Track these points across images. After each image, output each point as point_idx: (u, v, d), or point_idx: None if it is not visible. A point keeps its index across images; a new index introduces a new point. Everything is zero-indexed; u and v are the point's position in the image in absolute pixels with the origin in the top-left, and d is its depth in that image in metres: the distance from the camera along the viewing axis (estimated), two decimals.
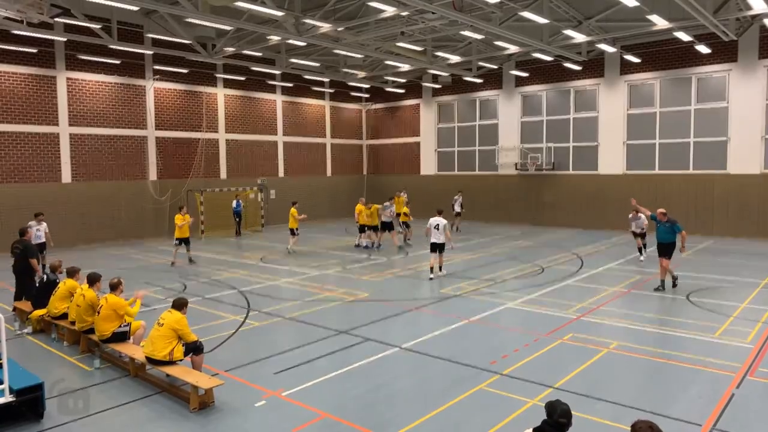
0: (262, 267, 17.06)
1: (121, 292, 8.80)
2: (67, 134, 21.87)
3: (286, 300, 12.69)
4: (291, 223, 19.54)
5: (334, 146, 33.58)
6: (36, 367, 7.69)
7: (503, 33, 19.27)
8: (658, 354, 8.78)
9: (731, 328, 10.12)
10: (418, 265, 17.05)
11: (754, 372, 7.97)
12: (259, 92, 28.94)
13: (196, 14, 16.76)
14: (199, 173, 26.12)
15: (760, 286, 13.46)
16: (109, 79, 22.97)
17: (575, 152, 26.72)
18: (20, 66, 20.59)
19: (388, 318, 11.09)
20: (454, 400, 7.10)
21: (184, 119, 25.80)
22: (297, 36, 19.37)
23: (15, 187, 20.57)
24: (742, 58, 21.94)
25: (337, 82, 32.01)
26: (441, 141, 31.98)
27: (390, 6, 16.94)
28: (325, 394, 7.40)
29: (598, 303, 12.04)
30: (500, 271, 15.84)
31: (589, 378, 7.86)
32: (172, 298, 8.38)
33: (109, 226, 23.07)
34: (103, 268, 14.11)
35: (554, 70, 26.86)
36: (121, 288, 8.83)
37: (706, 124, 23.01)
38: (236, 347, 9.46)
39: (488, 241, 22.31)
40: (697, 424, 6.38)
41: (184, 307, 7.83)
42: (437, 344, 9.39)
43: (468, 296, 12.83)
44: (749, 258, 17.56)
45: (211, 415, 6.84)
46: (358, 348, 9.25)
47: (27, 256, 11.57)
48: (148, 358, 7.61)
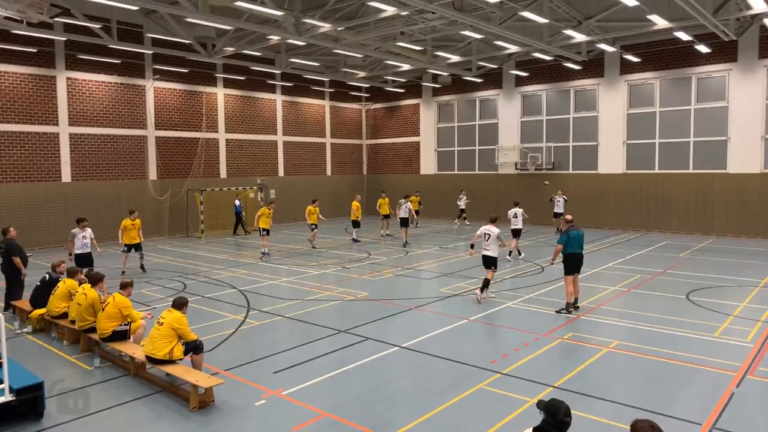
0: (261, 266, 17.06)
1: (129, 294, 8.87)
2: (67, 134, 21.87)
3: (285, 299, 12.69)
4: (311, 219, 20.25)
5: (334, 146, 33.58)
6: (36, 367, 7.68)
7: (503, 33, 19.27)
8: (658, 353, 8.77)
9: (731, 327, 10.12)
10: (418, 264, 17.05)
11: (754, 371, 7.97)
12: (259, 92, 28.94)
13: (196, 14, 16.76)
14: (199, 173, 26.13)
15: (760, 286, 13.46)
16: (109, 79, 22.96)
17: (575, 152, 26.72)
18: (20, 66, 20.59)
19: (387, 317, 11.08)
20: (454, 400, 7.10)
21: (184, 119, 25.80)
22: (297, 36, 19.37)
23: (15, 187, 20.57)
24: (742, 58, 21.94)
25: (337, 81, 32.01)
26: (441, 141, 31.99)
27: (390, 6, 16.95)
28: (325, 394, 7.40)
29: (597, 302, 12.04)
30: (500, 270, 15.81)
31: (589, 377, 7.86)
32: (172, 298, 8.38)
33: (109, 225, 23.03)
34: (103, 267, 14.15)
35: (554, 70, 26.86)
36: (130, 290, 8.91)
37: (706, 124, 23.01)
38: (236, 346, 9.45)
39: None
40: (697, 423, 6.37)
41: (184, 307, 7.84)
42: (437, 343, 9.39)
43: (468, 295, 12.83)
44: (749, 257, 17.57)
45: (211, 415, 6.84)
46: (358, 347, 9.25)
47: (9, 255, 11.44)
48: (148, 357, 7.61)
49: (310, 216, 20.38)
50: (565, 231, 11.21)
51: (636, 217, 24.79)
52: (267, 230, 18.92)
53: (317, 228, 20.73)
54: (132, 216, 16.13)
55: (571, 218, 11.54)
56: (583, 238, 11.28)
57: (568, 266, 11.09)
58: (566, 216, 11.76)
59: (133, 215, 16.19)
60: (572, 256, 11.09)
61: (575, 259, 11.13)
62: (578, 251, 11.13)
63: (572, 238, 11.05)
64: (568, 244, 11.03)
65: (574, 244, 11.08)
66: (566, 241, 11.02)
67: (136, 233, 15.98)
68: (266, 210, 19.01)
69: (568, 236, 11.04)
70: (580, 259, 11.23)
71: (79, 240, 13.53)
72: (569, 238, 11.02)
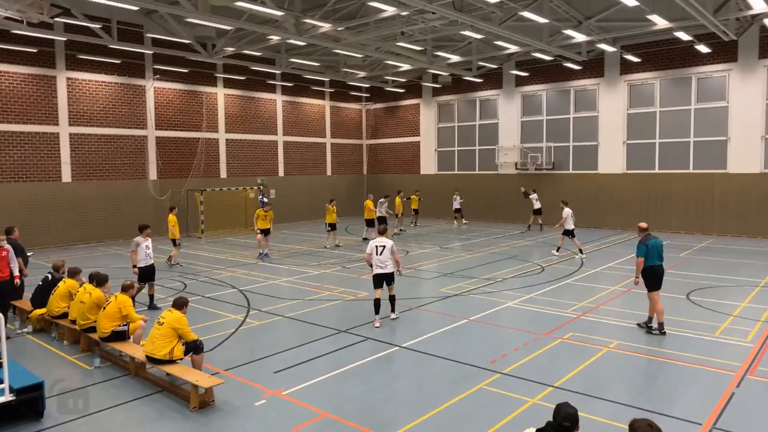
0: (262, 266, 17.06)
1: (132, 296, 8.91)
2: (67, 134, 21.86)
3: (286, 299, 12.69)
4: (329, 218, 20.50)
5: (334, 146, 33.58)
6: (36, 366, 7.69)
7: (503, 33, 19.27)
8: (658, 353, 8.78)
9: (731, 327, 10.12)
10: (418, 264, 17.05)
11: (754, 371, 7.97)
12: (259, 92, 28.94)
13: (196, 14, 16.76)
14: (199, 173, 26.13)
15: (760, 286, 13.46)
16: (109, 79, 22.96)
17: (575, 152, 26.72)
18: (20, 66, 20.58)
19: (387, 317, 11.08)
20: (454, 399, 7.10)
21: (184, 119, 25.80)
22: (297, 36, 19.37)
23: (15, 187, 20.57)
24: (742, 58, 21.94)
25: (337, 81, 32.01)
26: (441, 141, 31.98)
27: (390, 6, 16.94)
28: (325, 393, 7.40)
29: (598, 302, 12.04)
30: (500, 270, 15.84)
31: (589, 377, 7.86)
32: (172, 297, 8.38)
33: (109, 225, 23.08)
34: (103, 267, 14.13)
35: (554, 70, 26.86)
36: (132, 292, 8.98)
37: (706, 124, 23.01)
38: (236, 346, 9.46)
39: (488, 240, 22.30)
40: (698, 423, 6.37)
41: (185, 307, 7.84)
42: (437, 343, 9.39)
43: (468, 295, 12.83)
44: (749, 257, 17.57)
45: (211, 414, 6.84)
46: (358, 347, 9.25)
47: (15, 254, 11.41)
48: (148, 357, 7.61)
49: (329, 215, 20.52)
50: (642, 240, 9.75)
51: (636, 217, 24.61)
52: (264, 230, 18.48)
53: (334, 230, 20.67)
54: (173, 212, 17.31)
55: (646, 226, 10.05)
56: (662, 247, 9.85)
57: (651, 281, 9.70)
58: (641, 224, 10.11)
59: (174, 211, 17.35)
60: (653, 269, 9.68)
61: (657, 272, 9.71)
62: (658, 263, 9.70)
63: (651, 248, 9.65)
64: (648, 255, 9.63)
65: (653, 254, 9.64)
66: (645, 251, 9.63)
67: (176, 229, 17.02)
68: (261, 212, 18.54)
69: (647, 246, 9.64)
70: (661, 272, 9.77)
71: (143, 250, 11.85)
72: (648, 248, 9.63)
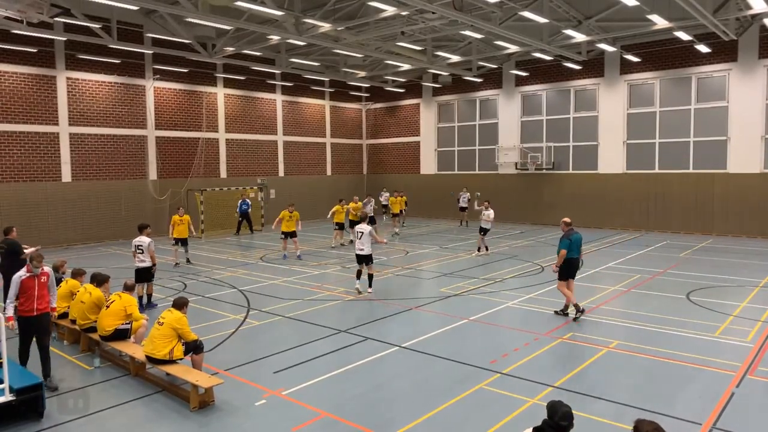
0: (262, 266, 17.06)
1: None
2: (67, 134, 21.86)
3: (286, 299, 12.69)
4: (337, 217, 20.60)
5: (334, 146, 33.58)
6: (36, 367, 7.68)
7: (503, 33, 19.26)
8: (658, 353, 8.78)
9: (731, 327, 10.12)
10: (418, 264, 17.05)
11: (754, 371, 7.97)
12: (259, 92, 28.94)
13: (196, 14, 16.76)
14: (199, 173, 26.13)
15: (760, 286, 13.46)
16: (109, 79, 22.96)
17: (575, 152, 26.71)
18: (20, 66, 20.58)
19: (387, 317, 11.08)
20: (454, 399, 7.10)
21: (184, 119, 25.80)
22: (297, 36, 19.36)
23: (15, 187, 20.56)
24: (742, 58, 21.94)
25: (337, 81, 32.01)
26: (441, 140, 31.98)
27: (390, 6, 16.94)
28: (325, 394, 7.40)
29: (598, 302, 12.04)
30: (500, 270, 15.85)
31: (589, 377, 7.86)
32: (172, 297, 8.38)
33: (109, 225, 23.09)
34: (103, 267, 14.14)
35: (554, 70, 26.86)
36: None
37: (706, 124, 23.01)
38: (236, 346, 9.46)
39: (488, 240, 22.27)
40: (698, 423, 6.37)
41: (185, 307, 7.84)
42: (437, 343, 9.39)
43: (468, 295, 12.83)
44: (749, 257, 17.57)
45: (211, 415, 6.84)
46: (358, 347, 9.25)
47: (13, 254, 11.39)
48: (148, 357, 7.61)
49: (337, 215, 20.60)
50: (566, 235, 10.72)
51: (636, 217, 24.79)
52: (288, 234, 18.39)
53: (342, 229, 20.66)
54: (180, 212, 17.33)
55: (570, 221, 11.01)
56: (581, 241, 10.92)
57: (565, 271, 10.72)
58: (565, 219, 11.07)
59: (181, 211, 17.44)
60: (570, 261, 10.69)
61: (573, 264, 10.78)
62: (576, 256, 10.78)
63: (573, 242, 10.67)
64: (570, 248, 10.62)
65: (574, 248, 10.68)
66: (569, 245, 10.61)
67: (185, 228, 17.02)
68: (286, 213, 18.33)
69: (570, 240, 10.63)
70: (577, 264, 10.89)
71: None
72: (571, 241, 10.62)
